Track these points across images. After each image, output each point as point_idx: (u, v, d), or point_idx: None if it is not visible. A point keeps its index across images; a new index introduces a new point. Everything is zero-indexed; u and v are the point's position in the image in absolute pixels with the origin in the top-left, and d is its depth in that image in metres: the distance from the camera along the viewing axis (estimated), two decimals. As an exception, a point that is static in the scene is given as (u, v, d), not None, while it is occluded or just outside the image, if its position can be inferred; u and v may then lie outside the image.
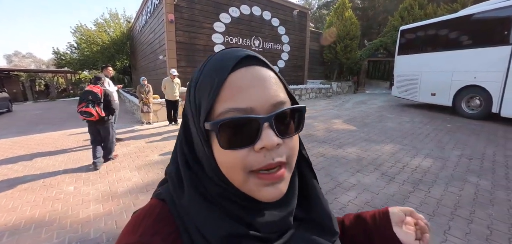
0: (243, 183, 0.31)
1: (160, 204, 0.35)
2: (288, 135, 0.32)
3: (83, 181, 3.23)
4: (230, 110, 0.29)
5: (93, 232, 2.19)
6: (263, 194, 0.31)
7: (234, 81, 0.30)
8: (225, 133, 0.29)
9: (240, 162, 0.30)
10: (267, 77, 0.32)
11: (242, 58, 0.32)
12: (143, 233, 0.31)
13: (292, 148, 0.33)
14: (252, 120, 0.29)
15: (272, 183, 0.31)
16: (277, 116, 0.30)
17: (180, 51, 8.09)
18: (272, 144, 0.29)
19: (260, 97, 0.30)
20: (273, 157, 0.30)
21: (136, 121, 7.25)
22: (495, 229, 2.15)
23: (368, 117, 7.06)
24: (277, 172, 0.31)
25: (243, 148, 0.30)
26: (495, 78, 5.80)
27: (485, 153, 3.96)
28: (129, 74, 18.52)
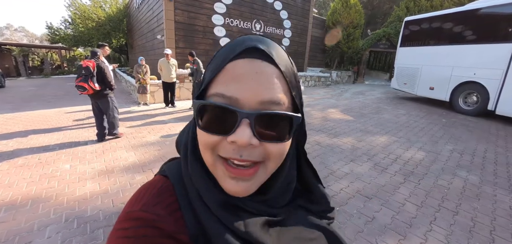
0: (211, 166, 0.32)
1: (163, 179, 0.37)
2: (270, 140, 0.31)
3: (79, 160, 3.25)
4: (217, 94, 0.30)
5: (90, 210, 2.23)
6: (226, 186, 0.32)
7: (232, 68, 0.31)
8: (204, 115, 0.31)
9: (211, 144, 0.31)
10: (266, 72, 0.31)
11: (248, 48, 0.31)
12: (146, 203, 0.33)
13: (271, 154, 0.32)
14: (230, 112, 0.29)
15: (236, 178, 0.31)
16: (260, 116, 0.29)
17: (178, 31, 7.91)
18: (243, 143, 0.29)
19: (249, 91, 0.30)
20: (241, 154, 0.30)
21: (133, 102, 7.20)
22: (479, 221, 2.24)
23: (365, 108, 7.09)
24: (244, 169, 0.31)
25: (216, 135, 0.30)
26: (495, 76, 5.82)
27: (476, 149, 4.04)
28: (126, 53, 18.13)
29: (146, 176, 2.87)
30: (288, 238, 0.36)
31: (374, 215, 2.28)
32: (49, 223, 2.04)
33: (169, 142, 4.00)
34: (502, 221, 2.26)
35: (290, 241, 0.36)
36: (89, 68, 3.63)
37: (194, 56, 6.03)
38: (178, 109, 6.48)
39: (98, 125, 3.91)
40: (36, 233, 1.93)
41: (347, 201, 2.49)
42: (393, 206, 2.43)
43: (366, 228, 2.11)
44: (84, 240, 1.88)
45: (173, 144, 3.90)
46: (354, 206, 2.40)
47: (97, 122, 3.91)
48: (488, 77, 5.97)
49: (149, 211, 0.32)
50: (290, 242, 0.36)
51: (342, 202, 2.47)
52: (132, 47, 15.06)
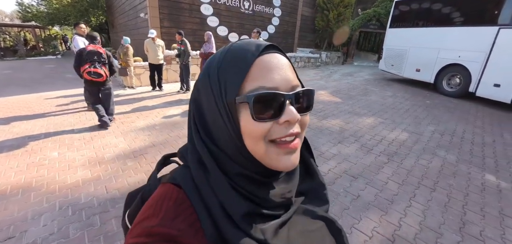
0: (264, 153, 0.35)
1: (176, 189, 0.38)
2: (303, 112, 0.37)
3: (67, 147, 3.19)
4: (260, 87, 0.34)
5: (83, 197, 2.24)
6: (284, 162, 0.36)
7: (262, 63, 0.35)
8: (256, 106, 0.33)
9: (265, 132, 0.34)
10: (286, 63, 0.37)
11: (267, 46, 0.37)
12: (164, 216, 0.33)
13: (304, 124, 0.39)
14: (279, 96, 0.34)
15: (289, 152, 0.36)
16: (297, 94, 0.36)
17: (163, 9, 7.55)
18: (294, 118, 0.34)
19: (282, 79, 0.35)
20: (292, 129, 0.35)
21: (118, 85, 6.96)
22: (453, 197, 2.45)
23: (353, 89, 7.24)
24: (292, 142, 0.36)
25: (269, 121, 0.34)
26: (478, 58, 6.04)
27: (456, 130, 4.29)
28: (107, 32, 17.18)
29: (138, 162, 2.88)
30: (295, 233, 0.40)
31: (359, 193, 2.44)
32: (43, 212, 2.05)
33: (159, 127, 3.97)
34: (474, 197, 2.47)
35: (297, 236, 0.40)
36: (102, 55, 3.63)
37: (183, 35, 5.82)
38: (166, 92, 6.35)
39: (99, 113, 3.80)
40: (30, 222, 1.94)
41: (335, 180, 2.62)
42: (377, 184, 2.59)
43: (352, 205, 2.26)
44: (80, 226, 1.91)
45: (163, 129, 3.89)
46: (341, 185, 2.54)
47: (97, 111, 3.79)
48: (471, 60, 6.19)
49: (168, 226, 0.32)
50: (297, 236, 0.40)
51: (330, 182, 2.60)
52: (113, 26, 14.24)
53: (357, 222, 2.06)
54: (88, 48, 3.57)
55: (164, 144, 3.37)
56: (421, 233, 1.98)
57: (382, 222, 2.08)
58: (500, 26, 5.56)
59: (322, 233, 0.44)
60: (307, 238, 0.41)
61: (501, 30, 5.54)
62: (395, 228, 2.02)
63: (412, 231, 2.00)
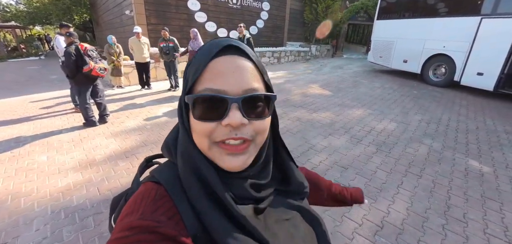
0: (207, 150, 0.37)
1: (156, 186, 0.38)
2: (256, 117, 0.37)
3: (56, 150, 3.12)
4: (206, 89, 0.35)
5: (76, 199, 2.22)
6: (225, 163, 0.36)
7: (215, 66, 0.36)
8: (199, 107, 0.35)
9: (208, 132, 0.35)
10: (244, 66, 0.37)
11: (224, 46, 0.37)
12: (144, 211, 0.34)
13: (258, 129, 0.38)
14: (222, 99, 0.35)
15: (233, 153, 0.36)
16: (246, 99, 0.35)
17: (149, 5, 7.38)
18: (236, 123, 0.34)
19: (234, 83, 0.35)
20: (236, 133, 0.35)
21: (106, 85, 6.80)
22: (438, 183, 2.56)
23: (343, 82, 7.34)
24: (237, 145, 0.36)
25: (212, 121, 0.35)
26: (462, 48, 6.24)
27: (441, 118, 4.44)
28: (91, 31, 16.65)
29: (130, 162, 2.86)
30: (270, 222, 0.42)
31: (349, 183, 2.51)
32: (35, 216, 2.02)
33: (150, 126, 3.94)
34: (458, 182, 2.60)
35: (272, 224, 0.42)
36: (94, 51, 3.64)
37: (167, 31, 5.70)
38: (155, 90, 6.26)
39: (89, 110, 3.81)
40: (22, 227, 1.91)
41: (326, 172, 2.69)
42: (366, 174, 2.68)
43: (343, 196, 2.33)
44: (74, 229, 1.90)
45: (154, 128, 3.86)
46: (332, 177, 2.61)
47: (88, 107, 3.79)
48: (456, 50, 6.40)
49: (148, 219, 0.33)
50: (272, 224, 0.42)
51: (321, 173, 2.64)
52: (98, 23, 13.82)
53: (347, 211, 2.13)
54: (85, 46, 3.54)
55: (155, 143, 3.35)
56: (408, 218, 2.08)
57: (371, 210, 2.16)
58: (482, 16, 5.76)
59: (296, 222, 0.45)
60: (281, 226, 0.43)
61: (483, 20, 5.74)
62: (384, 215, 2.10)
63: (400, 216, 2.09)
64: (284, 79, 7.63)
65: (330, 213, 2.09)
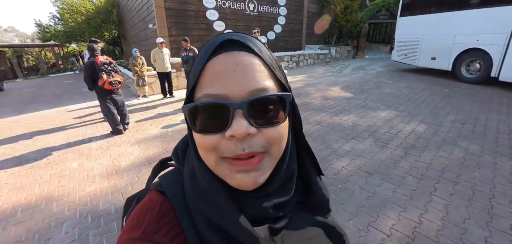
0: (215, 166, 0.31)
1: (161, 198, 0.35)
2: (266, 124, 0.30)
3: (86, 157, 3.32)
4: (204, 96, 0.29)
5: (101, 204, 2.32)
6: (235, 181, 0.31)
7: (212, 67, 0.30)
8: (197, 118, 0.30)
9: (212, 146, 0.30)
10: (247, 62, 0.30)
11: (222, 42, 0.31)
12: (145, 230, 0.31)
13: (271, 139, 0.31)
14: (222, 106, 0.29)
15: (245, 170, 0.30)
16: (252, 103, 0.29)
17: (170, 18, 7.73)
18: (241, 133, 0.28)
19: (237, 84, 0.29)
20: (243, 148, 0.29)
21: (132, 95, 7.20)
22: (478, 190, 2.30)
23: (366, 83, 7.04)
24: (246, 160, 0.30)
25: (213, 134, 0.29)
26: (498, 41, 5.69)
27: (478, 118, 4.05)
28: (119, 45, 17.82)
29: (151, 169, 2.94)
30: (290, 241, 0.36)
31: (375, 190, 2.35)
32: (65, 220, 2.14)
33: (171, 133, 4.05)
34: (501, 188, 2.32)
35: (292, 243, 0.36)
36: (113, 64, 3.86)
37: (188, 41, 5.91)
38: (177, 98, 6.48)
39: (114, 120, 3.99)
40: (53, 230, 2.04)
41: (349, 178, 2.55)
42: (394, 180, 2.49)
43: (368, 203, 2.18)
44: (99, 232, 1.98)
45: (175, 135, 3.97)
46: (356, 183, 2.46)
47: (112, 117, 3.97)
48: (491, 43, 5.85)
49: (149, 240, 0.30)
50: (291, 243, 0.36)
51: (344, 179, 2.53)
52: (125, 38, 14.77)
53: (374, 220, 1.99)
54: (100, 60, 3.71)
55: (176, 149, 3.44)
56: (444, 229, 1.88)
57: (401, 219, 1.99)
58: (522, 5, 5.21)
59: (319, 240, 0.39)
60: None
61: (523, 8, 5.19)
62: (415, 225, 1.93)
63: (433, 227, 1.90)
64: (303, 83, 7.50)
65: (354, 223, 1.96)
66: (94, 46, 3.78)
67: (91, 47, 3.76)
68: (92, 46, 3.77)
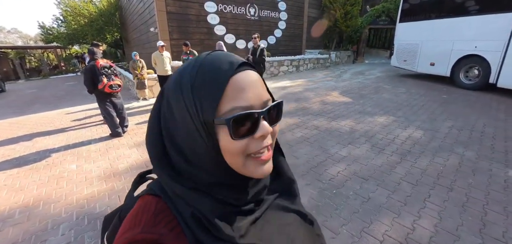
0: (242, 166, 0.38)
1: (156, 199, 0.39)
2: (274, 124, 0.41)
3: (85, 159, 3.36)
4: (236, 108, 0.35)
5: (98, 207, 2.35)
6: (259, 172, 0.39)
7: (236, 82, 0.36)
8: (235, 126, 0.35)
9: (243, 148, 0.36)
10: (257, 79, 0.39)
11: (240, 64, 0.38)
12: (145, 224, 0.35)
13: (275, 133, 0.42)
14: (254, 114, 0.36)
15: (264, 162, 0.39)
16: (269, 109, 0.38)
17: (171, 22, 7.80)
18: (268, 132, 0.38)
19: (255, 96, 0.37)
20: (266, 142, 0.38)
21: (132, 97, 7.25)
22: (472, 196, 2.32)
23: (365, 88, 7.07)
24: (267, 153, 0.39)
25: (247, 137, 0.36)
26: (496, 48, 5.72)
27: (475, 124, 4.07)
28: (121, 48, 17.97)
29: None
30: (272, 228, 0.43)
31: (370, 195, 2.37)
32: (62, 222, 2.17)
33: (170, 136, 4.08)
34: (495, 195, 2.33)
35: (274, 230, 0.43)
36: (113, 67, 3.90)
37: (189, 46, 5.97)
38: (178, 101, 6.52)
39: (113, 123, 4.02)
40: (50, 232, 2.06)
41: (344, 183, 2.57)
42: (388, 185, 2.51)
43: (362, 208, 2.20)
44: (95, 235, 2.01)
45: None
46: (351, 188, 2.48)
47: (112, 120, 4.00)
48: (489, 49, 5.87)
49: (150, 232, 0.34)
50: (274, 231, 0.43)
51: (339, 185, 2.55)
52: (127, 41, 14.92)
53: (367, 226, 2.00)
54: (100, 63, 3.76)
55: (174, 153, 3.47)
56: (437, 236, 1.89)
57: (394, 225, 2.01)
58: (518, 12, 5.25)
59: (296, 225, 0.47)
60: (283, 231, 0.44)
61: (520, 16, 5.23)
62: (408, 232, 1.94)
63: (426, 234, 1.91)
64: (303, 87, 7.53)
65: (348, 228, 1.98)
66: (95, 49, 3.82)
67: (92, 50, 3.80)
68: (92, 50, 3.80)
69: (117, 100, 4.07)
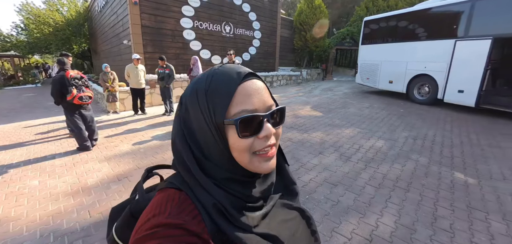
0: (248, 162, 0.43)
1: (177, 192, 0.43)
2: (277, 126, 0.46)
3: (49, 175, 3.12)
4: (243, 111, 0.41)
5: (66, 223, 2.21)
6: (264, 167, 0.44)
7: (243, 89, 0.42)
8: (241, 126, 0.40)
9: (249, 146, 0.42)
10: (262, 87, 0.45)
11: (247, 74, 0.44)
12: (171, 212, 0.39)
13: (279, 135, 0.47)
14: (258, 117, 0.42)
15: (268, 159, 0.44)
16: (272, 113, 0.44)
17: (146, 35, 7.70)
18: (271, 133, 0.43)
19: (260, 102, 0.43)
20: (270, 141, 0.44)
21: (101, 111, 6.90)
22: (425, 195, 2.63)
23: (333, 103, 7.59)
24: (270, 151, 0.44)
25: (251, 137, 0.42)
26: (441, 68, 6.62)
27: (427, 134, 4.61)
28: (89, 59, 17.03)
29: (122, 185, 2.87)
30: (276, 222, 0.48)
31: (339, 199, 2.57)
32: (23, 241, 1.99)
33: (143, 150, 3.98)
34: (444, 194, 2.67)
35: (278, 224, 0.48)
36: (85, 78, 3.76)
37: (165, 60, 5.97)
38: (150, 115, 6.36)
39: (82, 136, 3.82)
40: (9, 252, 1.89)
41: (316, 189, 2.75)
42: (355, 189, 2.74)
43: (332, 211, 2.38)
44: (62, 252, 1.89)
45: (147, 151, 3.90)
46: (322, 193, 2.66)
47: (80, 133, 3.80)
48: (436, 70, 6.77)
49: (175, 217, 0.38)
50: (278, 224, 0.48)
51: (311, 190, 2.72)
52: (96, 52, 14.21)
53: (337, 226, 2.17)
54: (70, 74, 3.61)
55: (149, 166, 3.37)
56: (397, 231, 2.12)
57: (360, 224, 2.20)
58: (456, 39, 6.19)
59: (297, 221, 0.53)
60: (285, 225, 0.50)
61: (457, 42, 6.17)
62: (373, 229, 2.15)
63: (388, 230, 2.13)
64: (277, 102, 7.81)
65: (320, 229, 2.12)
66: (65, 60, 3.67)
67: (61, 60, 3.64)
68: (62, 60, 3.65)
69: (87, 112, 3.89)
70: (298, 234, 0.51)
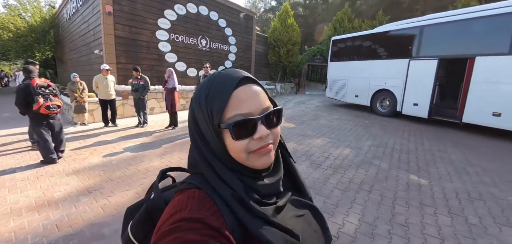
0: (246, 160, 0.45)
1: (197, 191, 0.45)
2: (273, 127, 0.47)
3: (9, 189, 2.89)
4: (237, 115, 0.43)
5: (30, 238, 2.08)
6: (260, 162, 0.46)
7: (238, 95, 0.44)
8: (235, 130, 0.43)
9: (244, 147, 0.44)
10: (258, 91, 0.47)
11: (242, 78, 0.46)
12: (192, 209, 0.41)
13: (276, 134, 0.49)
14: (251, 120, 0.44)
15: (264, 154, 0.46)
16: (266, 116, 0.46)
17: (119, 46, 7.53)
18: (264, 134, 0.45)
19: (255, 105, 0.45)
20: (265, 142, 0.45)
21: (68, 122, 6.47)
22: (385, 196, 2.94)
23: (305, 115, 8.00)
24: (266, 147, 0.46)
25: (246, 138, 0.44)
26: (398, 84, 7.41)
27: (388, 143, 5.10)
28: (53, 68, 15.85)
29: (93, 198, 2.76)
30: (289, 217, 0.50)
31: (310, 201, 2.76)
32: (-19, 259, 1.85)
33: (115, 161, 3.85)
34: (401, 194, 3.00)
35: (290, 218, 0.50)
36: (52, 86, 3.62)
37: (139, 71, 5.88)
38: (121, 127, 6.14)
39: (47, 148, 3.59)
40: (-36, 271, 1.74)
41: (290, 194, 2.91)
42: (324, 193, 2.97)
43: (304, 212, 2.55)
44: (28, 268, 1.79)
45: (120, 163, 3.79)
46: (295, 197, 2.83)
47: (45, 145, 3.57)
48: (394, 85, 7.56)
49: (196, 213, 0.41)
50: (290, 218, 0.50)
51: (285, 195, 2.88)
52: (62, 61, 13.31)
53: (308, 225, 2.34)
54: (36, 82, 3.44)
55: (122, 178, 3.29)
56: (360, 227, 2.35)
57: (328, 223, 2.39)
58: (410, 59, 7.03)
59: (308, 217, 0.55)
60: (298, 220, 0.51)
61: (411, 61, 7.01)
62: (339, 227, 2.36)
63: (352, 227, 2.35)
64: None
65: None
66: (31, 67, 3.49)
67: (28, 68, 3.46)
68: (28, 68, 3.47)
69: (55, 121, 3.69)
70: (310, 230, 0.52)
